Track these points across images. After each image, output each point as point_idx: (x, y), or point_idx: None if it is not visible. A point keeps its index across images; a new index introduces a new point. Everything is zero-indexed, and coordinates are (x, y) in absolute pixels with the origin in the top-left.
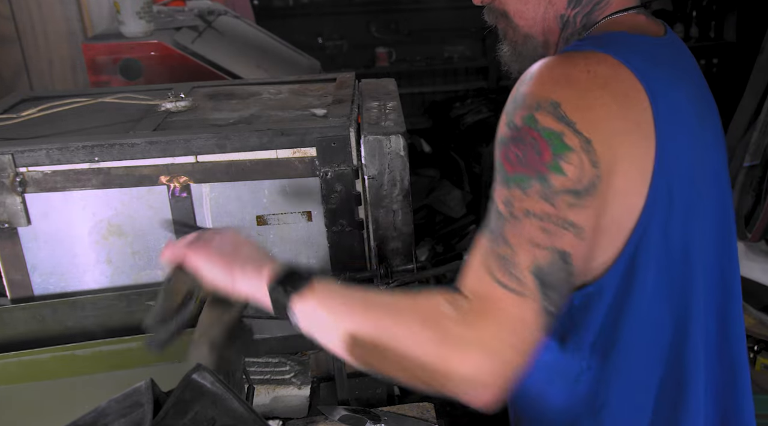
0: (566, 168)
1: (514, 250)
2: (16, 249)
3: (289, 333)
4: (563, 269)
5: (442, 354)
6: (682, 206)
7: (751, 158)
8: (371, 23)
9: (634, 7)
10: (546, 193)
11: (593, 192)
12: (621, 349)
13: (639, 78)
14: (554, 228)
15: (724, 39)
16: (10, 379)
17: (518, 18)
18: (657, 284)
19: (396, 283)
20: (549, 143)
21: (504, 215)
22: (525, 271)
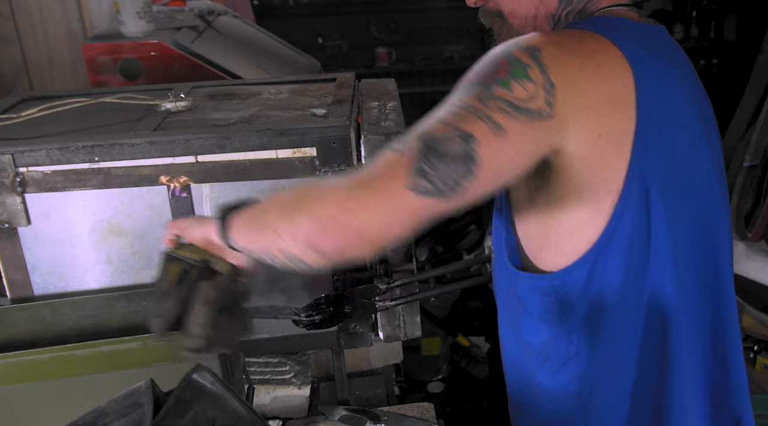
0: (515, 87)
1: (420, 126)
2: (16, 249)
3: (289, 333)
4: (460, 147)
5: (308, 197)
6: (662, 192)
7: (751, 158)
8: (371, 23)
9: (625, 4)
10: (482, 95)
11: (535, 118)
12: (606, 333)
13: (627, 58)
14: (469, 116)
15: (724, 39)
16: (10, 379)
17: (512, 17)
18: (637, 267)
19: (396, 282)
20: (510, 66)
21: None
22: (415, 136)
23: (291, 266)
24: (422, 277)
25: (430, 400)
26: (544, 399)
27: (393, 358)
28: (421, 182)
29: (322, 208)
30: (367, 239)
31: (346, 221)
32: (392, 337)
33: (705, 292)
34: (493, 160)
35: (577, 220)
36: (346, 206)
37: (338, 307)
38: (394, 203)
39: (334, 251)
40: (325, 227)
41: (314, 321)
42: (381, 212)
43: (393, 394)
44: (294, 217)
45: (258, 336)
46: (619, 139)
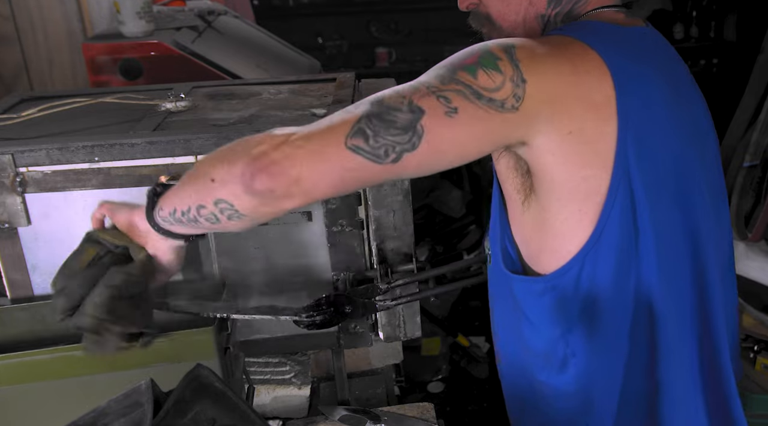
0: (480, 74)
1: (377, 93)
2: (16, 249)
3: (289, 333)
4: (406, 118)
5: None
6: (645, 193)
7: (751, 158)
8: (371, 23)
9: (614, 5)
10: (444, 76)
11: (497, 109)
12: (600, 333)
13: (606, 63)
14: (426, 92)
15: (724, 39)
16: (10, 379)
17: (501, 20)
18: (626, 267)
19: (396, 282)
20: (480, 56)
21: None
22: (367, 100)
23: (218, 224)
24: (422, 277)
25: (430, 400)
26: (549, 399)
27: (393, 358)
28: (358, 141)
29: (260, 149)
30: (301, 187)
31: (282, 163)
32: (392, 337)
33: (692, 294)
34: (438, 139)
35: (564, 221)
36: (284, 150)
37: (339, 307)
38: (328, 157)
39: (267, 191)
40: (260, 166)
41: (315, 321)
42: (315, 162)
43: (393, 394)
44: (231, 159)
45: (258, 336)
46: (593, 139)
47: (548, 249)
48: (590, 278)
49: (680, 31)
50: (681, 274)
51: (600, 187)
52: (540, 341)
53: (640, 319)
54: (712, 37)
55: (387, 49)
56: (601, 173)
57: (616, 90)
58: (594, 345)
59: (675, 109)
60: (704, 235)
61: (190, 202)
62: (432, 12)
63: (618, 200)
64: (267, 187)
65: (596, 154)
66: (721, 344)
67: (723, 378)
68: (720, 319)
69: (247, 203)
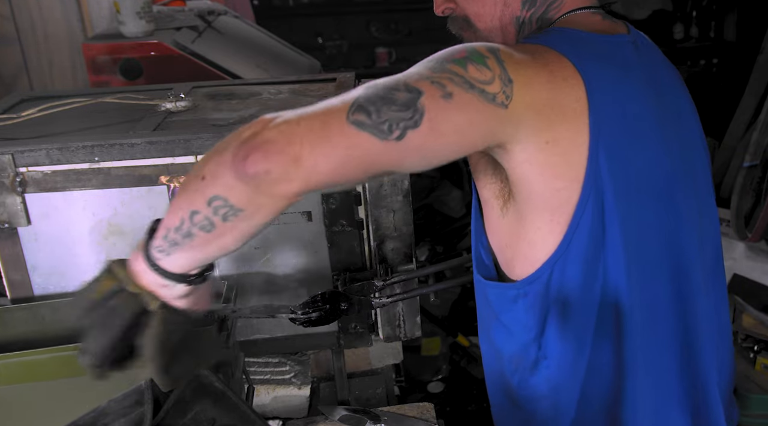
0: (470, 67)
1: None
2: (16, 249)
3: (289, 333)
4: (405, 96)
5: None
6: (616, 203)
7: (751, 158)
8: (371, 23)
9: (590, 6)
10: (435, 67)
11: (489, 101)
12: (568, 337)
13: (580, 71)
14: (419, 77)
15: (724, 39)
16: (10, 379)
17: (478, 21)
18: (593, 272)
19: (392, 279)
20: (468, 52)
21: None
22: (362, 86)
23: (213, 232)
24: (419, 274)
25: (430, 400)
26: (522, 400)
27: (393, 358)
28: (360, 117)
29: (252, 130)
30: (301, 168)
31: (279, 140)
32: (392, 337)
33: (669, 301)
34: (438, 118)
35: (537, 230)
36: (280, 128)
37: (335, 304)
38: (330, 133)
39: (262, 173)
40: (253, 145)
41: (311, 318)
42: (317, 140)
43: (393, 394)
44: (220, 149)
45: (258, 336)
46: (567, 150)
47: (521, 256)
48: (559, 284)
49: (680, 31)
50: (656, 280)
51: (571, 198)
52: (514, 345)
53: (604, 324)
54: (712, 37)
55: (387, 49)
56: (573, 184)
57: (589, 100)
58: (563, 348)
59: (655, 116)
60: (686, 239)
61: (182, 212)
62: (432, 12)
63: (588, 210)
64: (262, 167)
65: (569, 166)
66: (704, 350)
67: (707, 391)
68: (703, 324)
69: (241, 193)
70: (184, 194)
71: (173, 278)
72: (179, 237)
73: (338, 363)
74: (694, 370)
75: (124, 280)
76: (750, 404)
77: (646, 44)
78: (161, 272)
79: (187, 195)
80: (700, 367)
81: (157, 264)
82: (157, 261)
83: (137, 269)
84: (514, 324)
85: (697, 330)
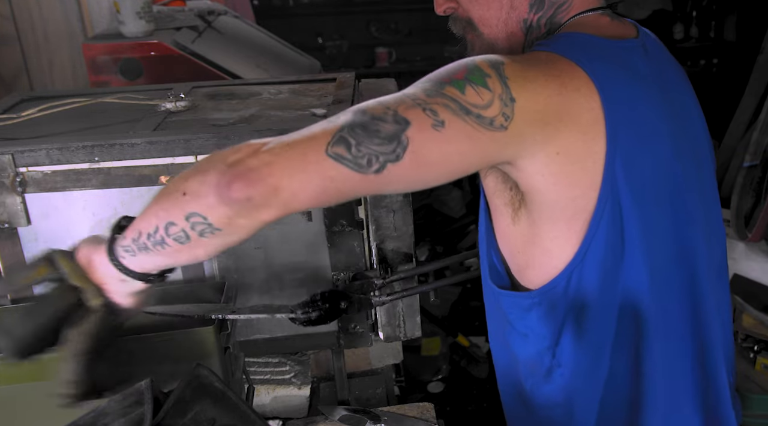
0: (468, 90)
1: (360, 104)
2: (16, 249)
3: (289, 333)
4: (391, 128)
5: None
6: (634, 210)
7: (751, 158)
8: (371, 23)
9: (598, 8)
10: (431, 90)
11: (485, 127)
12: (585, 345)
13: (593, 80)
14: (411, 104)
15: (724, 39)
16: (10, 379)
17: (482, 25)
18: (611, 278)
19: (392, 277)
20: (468, 72)
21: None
22: (350, 110)
23: (186, 244)
24: (418, 271)
25: (430, 400)
26: (535, 407)
27: (393, 358)
28: (340, 150)
29: (236, 157)
30: (280, 197)
31: (261, 170)
32: (392, 337)
33: (682, 305)
34: (423, 151)
35: (553, 239)
36: (262, 157)
37: (334, 304)
38: (308, 165)
39: (244, 200)
40: (237, 173)
41: (310, 318)
42: (295, 171)
43: (393, 394)
44: (204, 170)
45: (258, 336)
46: (581, 159)
47: (536, 264)
48: (575, 292)
49: (680, 31)
50: (672, 284)
51: (587, 206)
52: (527, 352)
53: (624, 330)
54: (712, 37)
55: (387, 49)
56: (589, 192)
57: (604, 108)
58: (579, 356)
59: (666, 120)
60: (696, 241)
61: (157, 221)
62: (432, 12)
63: (605, 217)
64: (244, 194)
65: (584, 174)
66: (715, 350)
67: (719, 390)
68: (714, 325)
69: (221, 214)
70: (162, 204)
71: (133, 275)
72: (150, 243)
73: (338, 363)
74: (707, 371)
75: (67, 272)
76: (750, 404)
77: (654, 45)
78: (122, 269)
79: (164, 206)
80: (713, 369)
81: (120, 262)
82: (121, 259)
83: (93, 261)
84: (528, 331)
85: (709, 331)
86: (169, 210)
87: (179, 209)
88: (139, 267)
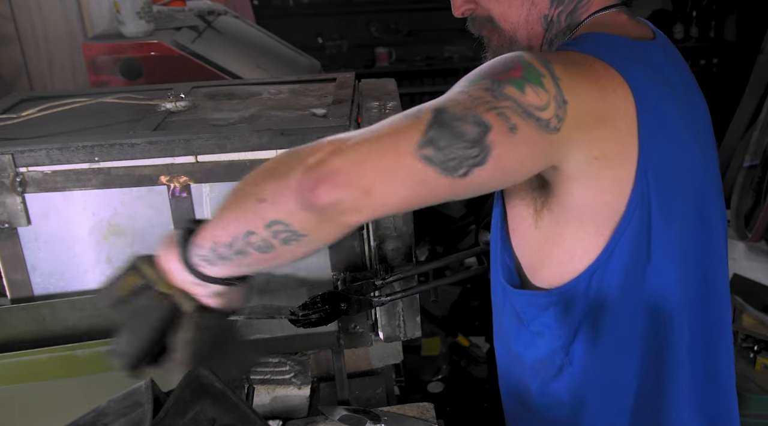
0: (528, 91)
1: (433, 102)
2: (16, 249)
3: (289, 333)
4: (475, 131)
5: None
6: (661, 213)
7: (751, 158)
8: (371, 23)
9: (615, 5)
10: (493, 90)
11: (542, 129)
12: (603, 345)
13: (629, 83)
14: (484, 106)
15: (724, 39)
16: (10, 379)
17: (503, 22)
18: (634, 279)
19: (391, 278)
20: (524, 70)
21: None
22: (429, 107)
23: (270, 253)
24: (417, 271)
25: (430, 400)
26: (537, 408)
27: (393, 358)
28: (429, 152)
29: (317, 157)
30: (372, 200)
31: (349, 171)
32: (392, 337)
33: (700, 306)
34: (505, 156)
35: (580, 240)
36: (348, 156)
37: (334, 305)
38: (401, 164)
39: (332, 204)
40: (322, 175)
41: (311, 319)
42: (389, 172)
43: (393, 394)
44: (281, 172)
45: (258, 336)
46: (616, 164)
47: (555, 263)
48: (596, 293)
49: (680, 31)
50: (692, 286)
51: (618, 209)
52: (538, 351)
53: (646, 331)
54: (712, 37)
55: (387, 49)
56: (621, 196)
57: (638, 113)
58: (593, 356)
59: (687, 122)
60: (712, 244)
61: (235, 231)
62: (432, 12)
63: (633, 221)
64: (332, 198)
65: (617, 180)
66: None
67: (726, 393)
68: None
69: (306, 220)
70: (238, 212)
71: (212, 281)
72: (230, 253)
73: (338, 363)
74: (717, 371)
75: (153, 279)
76: (750, 404)
77: (669, 46)
78: (200, 276)
79: (241, 214)
80: (722, 368)
81: (198, 271)
82: (198, 268)
83: (169, 268)
84: (543, 330)
85: (720, 334)
86: (247, 218)
87: (259, 217)
88: (219, 274)
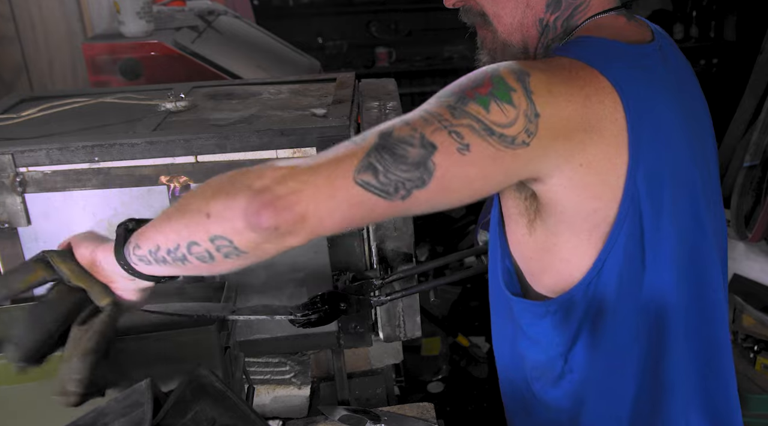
0: (493, 108)
1: (384, 124)
2: (16, 249)
3: (289, 333)
4: (418, 154)
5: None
6: (655, 218)
7: (751, 158)
8: (371, 23)
9: (614, 8)
10: (455, 107)
11: (507, 145)
12: (601, 353)
13: (617, 89)
14: (437, 125)
15: (724, 39)
16: (10, 379)
17: (496, 21)
18: (629, 285)
19: (390, 277)
20: (493, 86)
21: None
22: (375, 131)
23: (210, 263)
24: (416, 270)
25: (430, 400)
26: (537, 410)
27: (393, 358)
28: (367, 177)
29: (263, 183)
30: (307, 225)
31: (288, 198)
32: (392, 337)
33: (695, 309)
34: (449, 176)
35: (573, 248)
36: (288, 185)
37: (334, 305)
38: (336, 193)
39: (272, 228)
40: (265, 201)
41: (310, 319)
42: (322, 199)
43: (393, 394)
44: (229, 192)
45: (258, 336)
46: (603, 170)
47: (553, 271)
48: (593, 300)
49: (680, 31)
50: (685, 291)
51: (608, 216)
52: (538, 357)
53: (645, 336)
54: (712, 37)
55: (387, 49)
56: (610, 204)
57: (628, 120)
58: (593, 363)
59: (683, 126)
60: (709, 248)
61: (178, 239)
62: (432, 12)
63: (625, 228)
64: (272, 223)
65: (606, 186)
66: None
67: (729, 393)
68: (724, 329)
69: (248, 240)
70: (183, 222)
71: (143, 278)
72: (170, 258)
73: (338, 363)
74: (718, 374)
75: (66, 275)
76: (750, 404)
77: (669, 47)
78: (133, 272)
79: (186, 224)
80: (723, 371)
81: (133, 267)
82: (134, 266)
83: (98, 260)
84: (541, 338)
85: (719, 336)
86: (192, 229)
87: (203, 230)
88: (153, 273)
